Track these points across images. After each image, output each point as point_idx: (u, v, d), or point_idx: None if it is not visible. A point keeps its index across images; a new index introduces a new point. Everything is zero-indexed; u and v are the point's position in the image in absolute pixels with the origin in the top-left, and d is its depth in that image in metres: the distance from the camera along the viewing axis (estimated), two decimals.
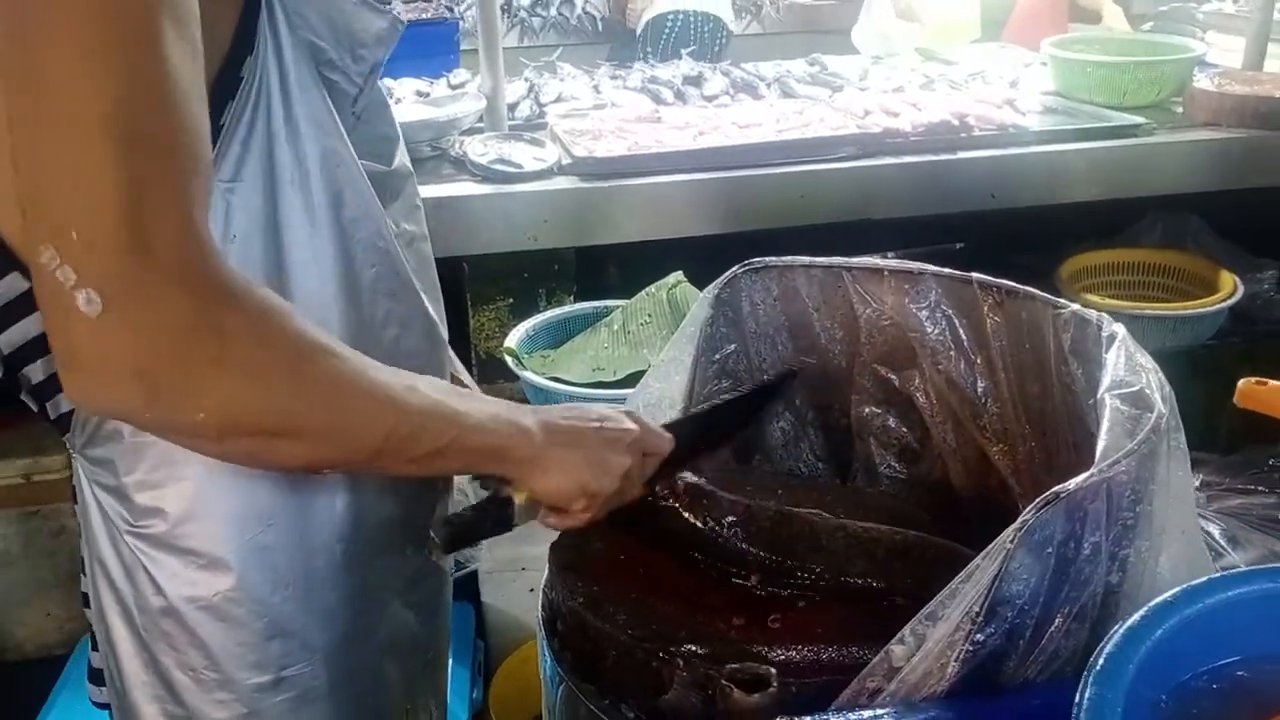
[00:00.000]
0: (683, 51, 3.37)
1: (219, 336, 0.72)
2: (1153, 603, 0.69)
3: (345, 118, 0.94)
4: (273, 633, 1.01)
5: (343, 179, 0.94)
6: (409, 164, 1.13)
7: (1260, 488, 2.23)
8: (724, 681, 0.76)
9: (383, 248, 1.00)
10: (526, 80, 2.92)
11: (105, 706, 1.09)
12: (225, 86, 0.84)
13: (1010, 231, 2.53)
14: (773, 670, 0.76)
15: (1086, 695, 0.62)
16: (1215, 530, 2.10)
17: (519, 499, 0.98)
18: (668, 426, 1.13)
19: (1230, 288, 2.42)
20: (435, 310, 1.13)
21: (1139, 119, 2.52)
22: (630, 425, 1.02)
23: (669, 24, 3.87)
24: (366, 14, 0.93)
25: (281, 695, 1.03)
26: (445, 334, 1.17)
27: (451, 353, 1.23)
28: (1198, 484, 2.25)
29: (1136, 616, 0.67)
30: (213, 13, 0.76)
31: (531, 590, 1.23)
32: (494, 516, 1.00)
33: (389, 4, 0.97)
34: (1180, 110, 2.65)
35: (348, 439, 0.84)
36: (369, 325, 1.01)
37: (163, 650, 1.00)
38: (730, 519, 1.11)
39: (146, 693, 1.03)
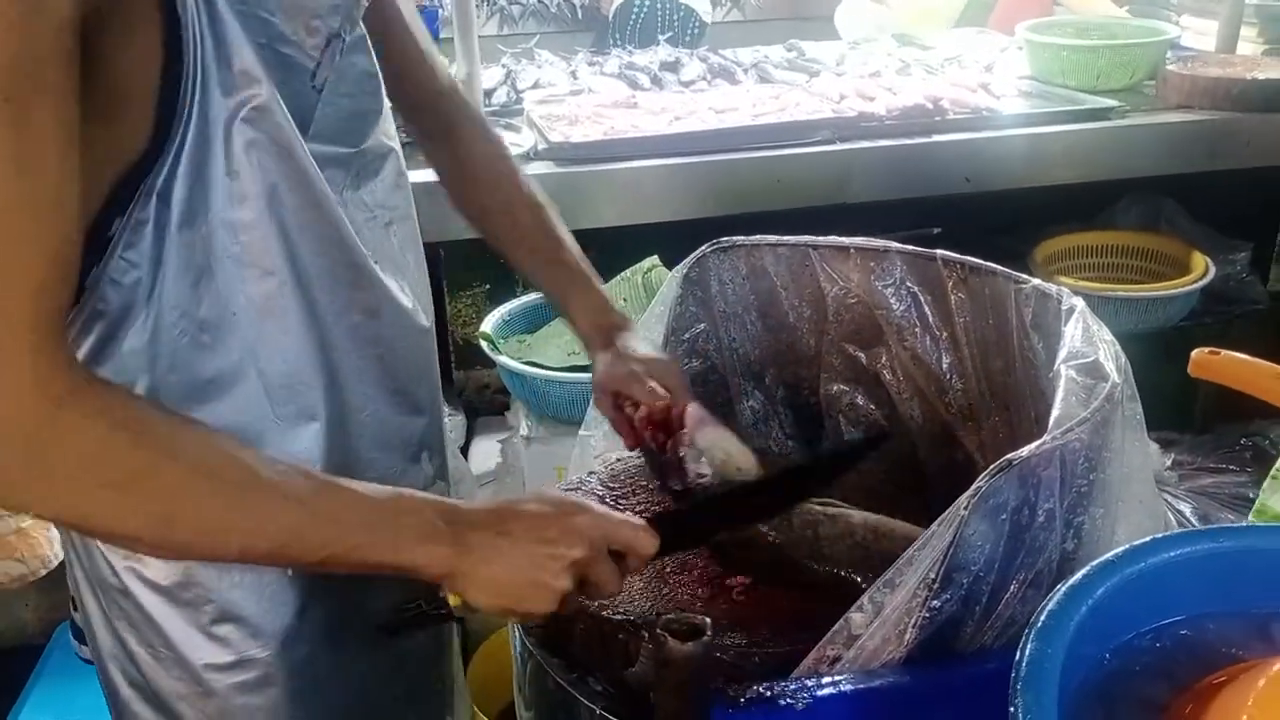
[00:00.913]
0: (660, 38, 3.37)
1: (56, 450, 0.72)
2: (1095, 561, 0.70)
3: (303, 94, 0.93)
4: (222, 617, 1.02)
5: (275, 170, 0.90)
6: (393, 140, 1.10)
7: (1231, 467, 2.26)
8: (659, 630, 0.77)
9: (333, 237, 0.97)
10: (504, 67, 2.92)
11: (90, 663, 1.11)
12: (169, 82, 0.82)
13: (985, 215, 2.54)
14: (708, 620, 0.76)
15: (1027, 652, 0.64)
16: (1187, 509, 2.12)
17: (453, 600, 0.90)
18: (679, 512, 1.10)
19: (1202, 269, 2.44)
20: (415, 293, 1.12)
21: (1112, 102, 2.54)
22: (572, 552, 0.88)
23: (635, 8, 3.87)
24: None
25: (237, 677, 1.03)
26: (427, 320, 1.15)
27: None
28: (1170, 464, 2.27)
29: (1078, 575, 0.69)
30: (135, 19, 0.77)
31: None
32: (430, 609, 0.93)
33: None
34: (1154, 93, 2.66)
35: (190, 550, 0.84)
36: (324, 315, 0.99)
37: (124, 626, 1.01)
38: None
39: (115, 662, 1.05)
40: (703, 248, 1.32)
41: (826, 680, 0.85)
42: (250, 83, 0.86)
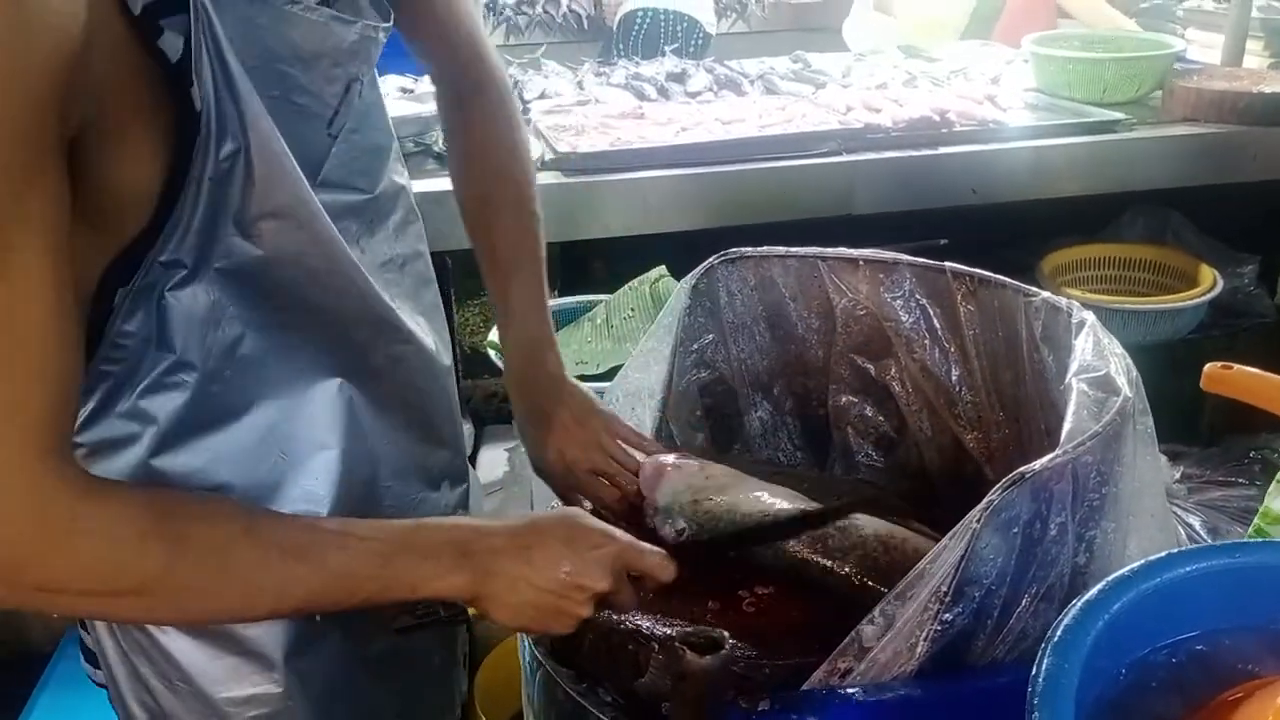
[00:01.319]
0: (666, 49, 3.38)
1: (58, 569, 0.73)
2: (1111, 576, 0.70)
3: (316, 141, 0.91)
4: (238, 652, 1.02)
5: (289, 241, 0.89)
6: (401, 176, 1.10)
7: (1240, 480, 2.25)
8: (677, 644, 0.77)
9: (351, 289, 0.96)
10: (510, 77, 2.93)
11: (104, 686, 1.10)
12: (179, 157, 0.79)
13: (992, 227, 2.54)
14: (725, 633, 0.77)
15: (1043, 667, 0.63)
16: (1196, 522, 2.12)
17: (473, 612, 0.94)
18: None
19: (1210, 282, 2.44)
20: (435, 330, 1.12)
21: (1119, 115, 2.54)
22: (596, 585, 0.91)
23: (638, 21, 3.88)
24: (337, 28, 0.87)
25: (255, 710, 1.04)
26: (447, 359, 1.15)
27: None
28: (1178, 476, 2.27)
29: (1095, 590, 0.68)
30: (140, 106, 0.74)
31: None
32: (446, 617, 0.97)
33: (355, 21, 0.89)
34: (1160, 106, 2.67)
35: (217, 623, 0.93)
36: (343, 360, 0.99)
37: (140, 660, 1.01)
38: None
39: (131, 693, 1.05)
40: (711, 258, 1.32)
41: (838, 692, 0.84)
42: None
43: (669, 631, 0.97)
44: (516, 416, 1.21)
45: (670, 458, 1.17)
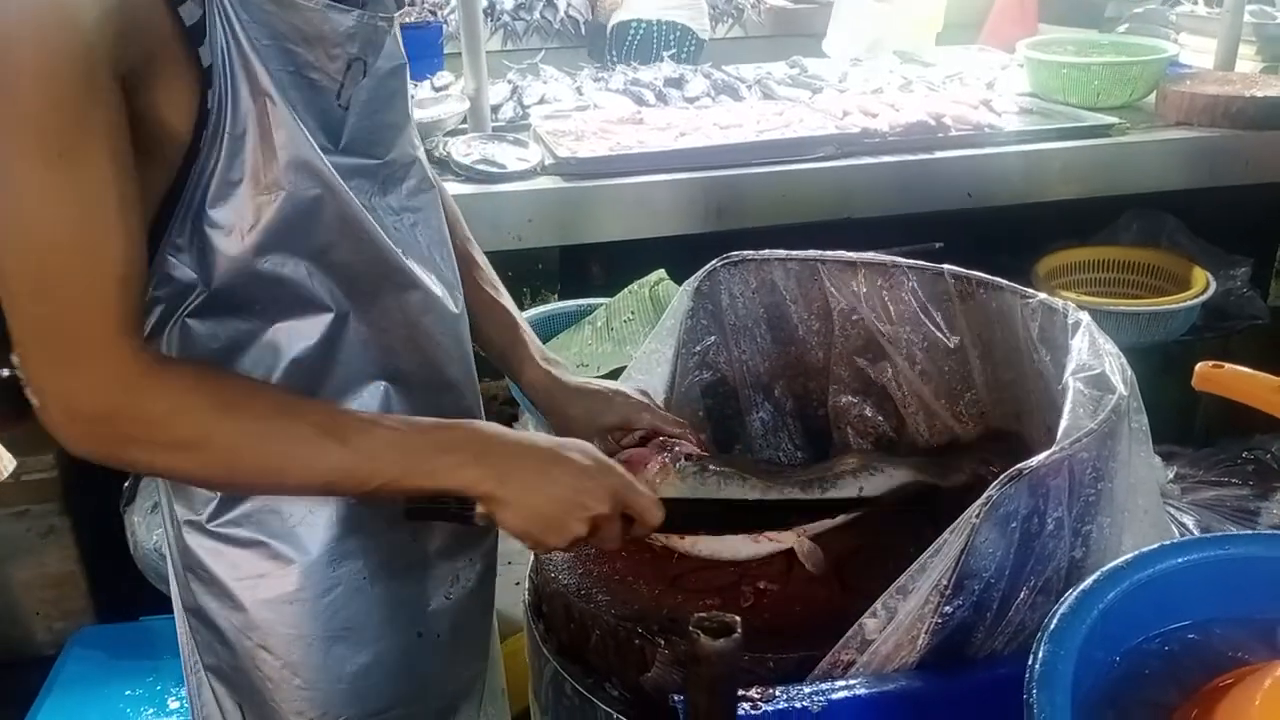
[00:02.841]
0: (664, 54, 3.40)
1: (137, 422, 0.89)
2: (1106, 567, 0.72)
3: (331, 111, 1.00)
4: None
5: (298, 179, 0.98)
6: (416, 149, 1.16)
7: (1233, 480, 2.28)
8: (692, 628, 0.80)
9: (363, 236, 1.03)
10: (510, 82, 2.95)
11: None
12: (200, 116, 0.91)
13: (987, 230, 2.56)
14: (738, 618, 0.80)
15: (1040, 655, 0.65)
16: (1190, 521, 2.14)
17: (479, 508, 0.99)
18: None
19: (1203, 284, 2.47)
20: (446, 283, 1.16)
21: (1112, 119, 2.57)
22: (598, 507, 0.99)
23: (632, 31, 3.92)
24: (334, 15, 0.97)
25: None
26: (457, 307, 1.19)
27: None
28: (1172, 477, 2.29)
29: (1090, 580, 0.71)
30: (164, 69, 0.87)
31: (518, 584, 1.25)
32: (456, 509, 1.01)
33: (363, 6, 1.01)
34: (1153, 110, 2.69)
35: (255, 489, 1.03)
36: (355, 299, 1.05)
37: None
38: None
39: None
40: (713, 261, 1.34)
41: (841, 684, 0.86)
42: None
43: (675, 627, 0.99)
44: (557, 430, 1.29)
45: (654, 466, 1.19)
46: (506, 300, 1.34)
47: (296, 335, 1.03)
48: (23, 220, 0.82)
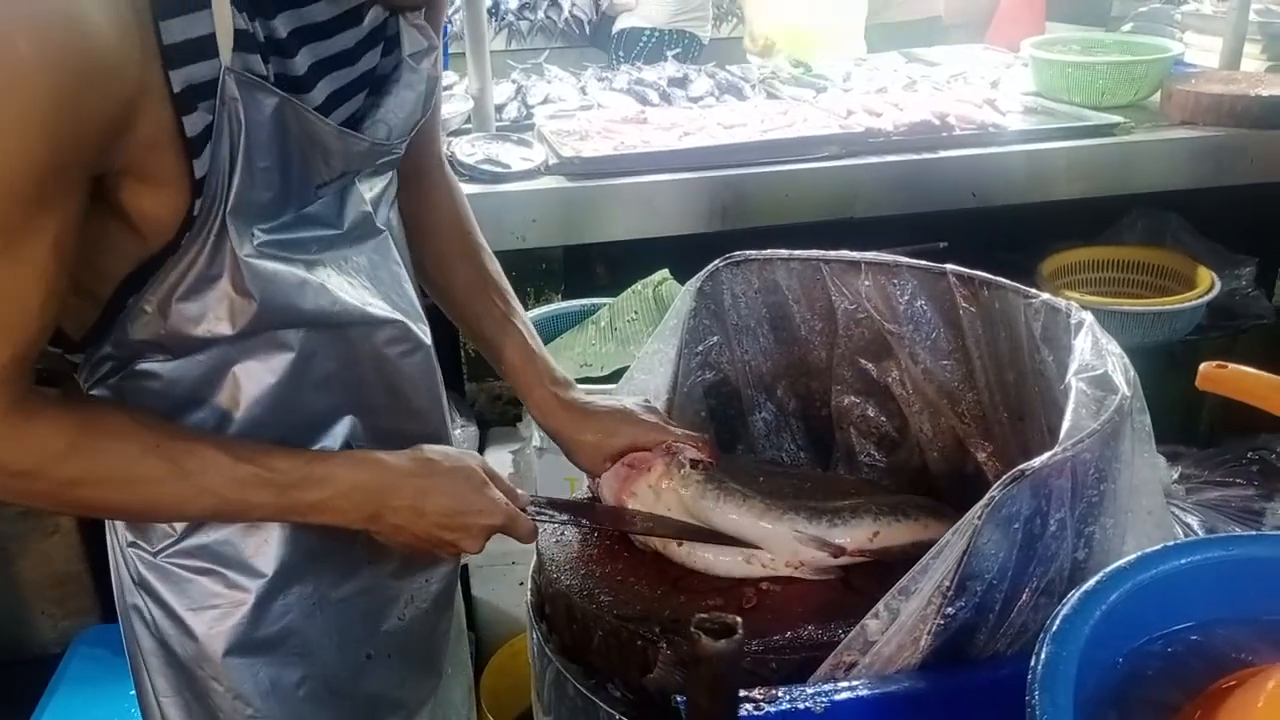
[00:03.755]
0: (668, 54, 3.41)
1: (14, 461, 0.92)
2: (1109, 568, 0.72)
3: (303, 193, 1.01)
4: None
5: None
6: (364, 203, 1.13)
7: (1238, 480, 2.27)
8: (693, 629, 0.80)
9: (340, 309, 1.05)
10: (514, 82, 2.96)
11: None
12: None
13: (992, 230, 2.56)
14: (739, 619, 0.80)
15: (1042, 656, 0.65)
16: (1194, 522, 2.14)
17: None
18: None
19: (1207, 284, 2.46)
20: (410, 311, 1.16)
21: (1117, 118, 2.56)
22: (465, 544, 1.09)
23: (643, 39, 3.94)
24: (349, 140, 1.00)
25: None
26: (427, 337, 1.19)
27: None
28: (1176, 477, 2.29)
29: (1092, 581, 0.70)
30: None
31: (521, 584, 1.26)
32: None
33: (365, 141, 1.03)
34: (1158, 109, 2.69)
35: (145, 520, 1.08)
36: (335, 344, 1.07)
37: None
38: None
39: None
40: (716, 261, 1.34)
41: (844, 685, 0.86)
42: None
43: (677, 628, 0.99)
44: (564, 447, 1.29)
45: (656, 469, 1.19)
46: (518, 318, 1.33)
47: (261, 372, 1.03)
48: None
